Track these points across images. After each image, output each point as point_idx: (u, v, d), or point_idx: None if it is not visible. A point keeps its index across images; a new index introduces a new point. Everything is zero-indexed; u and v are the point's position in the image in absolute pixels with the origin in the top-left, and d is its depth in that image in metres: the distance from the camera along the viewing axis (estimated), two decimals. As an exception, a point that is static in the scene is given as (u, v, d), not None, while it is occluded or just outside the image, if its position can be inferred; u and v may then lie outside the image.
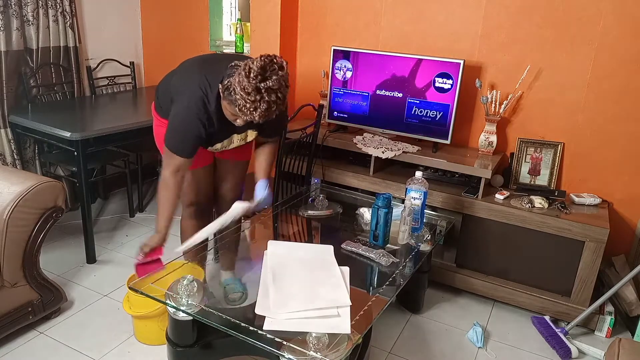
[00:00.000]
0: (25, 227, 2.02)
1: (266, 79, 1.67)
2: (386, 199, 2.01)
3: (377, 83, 2.77)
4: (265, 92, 1.66)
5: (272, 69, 1.69)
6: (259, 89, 1.66)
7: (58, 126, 2.56)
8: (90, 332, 2.20)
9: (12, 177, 2.06)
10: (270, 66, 1.68)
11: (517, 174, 2.65)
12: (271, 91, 1.68)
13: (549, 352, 2.26)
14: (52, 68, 3.08)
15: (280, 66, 1.72)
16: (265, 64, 1.68)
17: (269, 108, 1.70)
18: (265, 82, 1.66)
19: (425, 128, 2.69)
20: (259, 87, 1.65)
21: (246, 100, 1.66)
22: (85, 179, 2.63)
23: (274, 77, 1.68)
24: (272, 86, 1.68)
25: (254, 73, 1.65)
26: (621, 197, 2.55)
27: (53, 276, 2.50)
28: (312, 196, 2.51)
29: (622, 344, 1.59)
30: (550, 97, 2.58)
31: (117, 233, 3.10)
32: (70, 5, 3.06)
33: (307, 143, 2.63)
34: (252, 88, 1.65)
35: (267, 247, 1.94)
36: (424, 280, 2.44)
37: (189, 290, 1.61)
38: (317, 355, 1.38)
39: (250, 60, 1.70)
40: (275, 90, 1.69)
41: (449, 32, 2.73)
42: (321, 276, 1.77)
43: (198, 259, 1.98)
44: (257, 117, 1.70)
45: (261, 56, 1.70)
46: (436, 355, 2.21)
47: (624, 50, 2.39)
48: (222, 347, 1.73)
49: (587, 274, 2.31)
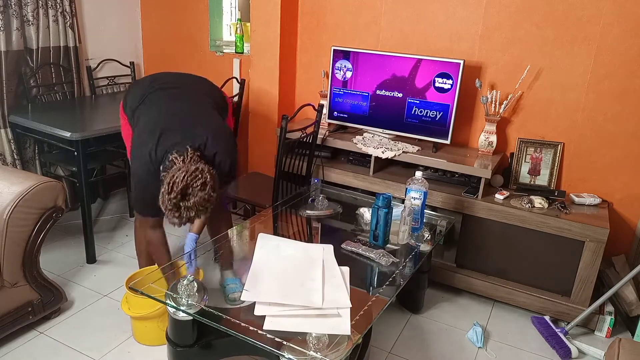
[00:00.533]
0: (25, 227, 2.02)
1: (186, 199, 1.71)
2: (386, 199, 2.01)
3: (377, 83, 2.77)
4: (184, 210, 1.72)
5: (195, 187, 1.71)
6: (178, 206, 1.71)
7: (58, 126, 2.56)
8: (90, 332, 2.20)
9: (12, 177, 2.06)
10: (193, 184, 1.71)
11: (517, 174, 2.65)
12: (190, 209, 1.72)
13: (549, 352, 2.26)
14: (52, 68, 3.08)
15: (203, 184, 1.72)
16: (187, 184, 1.70)
17: (189, 220, 1.76)
18: (184, 202, 1.71)
19: (425, 128, 2.69)
20: (179, 205, 1.71)
21: (167, 212, 1.73)
22: (85, 179, 2.63)
23: (194, 199, 1.71)
24: (191, 206, 1.72)
25: (175, 193, 1.69)
26: (621, 197, 2.55)
27: (53, 276, 2.50)
28: (312, 196, 2.51)
29: (622, 344, 1.59)
30: (550, 97, 2.58)
31: (117, 233, 3.10)
32: (70, 5, 3.06)
33: (307, 143, 2.63)
34: (172, 205, 1.70)
35: (257, 240, 1.98)
36: (424, 280, 2.44)
37: (189, 290, 1.61)
38: (317, 355, 1.38)
39: (178, 170, 1.72)
40: (194, 208, 1.73)
41: (449, 32, 2.73)
42: (305, 275, 1.77)
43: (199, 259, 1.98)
44: (177, 224, 1.77)
45: (187, 171, 1.71)
46: (436, 355, 2.21)
47: (624, 50, 2.39)
48: (222, 347, 1.73)
49: (587, 274, 2.31)
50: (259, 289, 1.67)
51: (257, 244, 1.96)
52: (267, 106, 3.17)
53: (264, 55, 3.08)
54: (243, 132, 3.40)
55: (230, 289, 1.83)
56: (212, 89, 2.29)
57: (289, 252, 1.93)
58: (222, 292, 1.87)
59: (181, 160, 1.81)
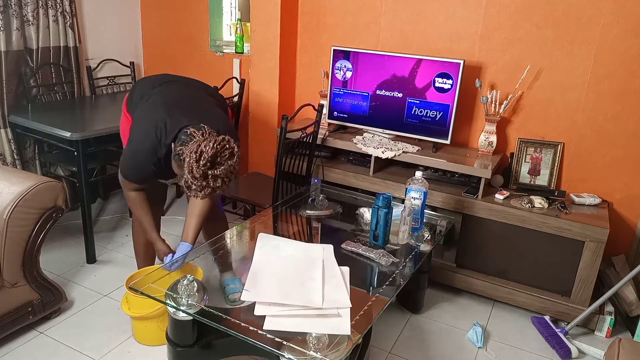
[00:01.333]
0: (25, 227, 2.02)
1: (215, 167, 1.69)
2: (386, 199, 2.01)
3: (377, 83, 2.77)
4: (212, 178, 1.69)
5: (223, 155, 1.70)
6: (206, 175, 1.68)
7: (58, 126, 2.56)
8: (90, 332, 2.20)
9: (12, 177, 2.06)
10: (221, 153, 1.70)
11: (517, 174, 2.65)
12: (218, 178, 1.70)
13: (549, 352, 2.26)
14: (52, 68, 3.08)
15: (231, 153, 1.72)
16: (216, 151, 1.68)
17: (213, 191, 1.73)
18: (213, 170, 1.69)
19: (425, 128, 2.69)
20: (207, 173, 1.68)
21: (193, 182, 1.69)
22: (85, 179, 2.63)
23: (222, 167, 1.70)
24: (220, 174, 1.70)
25: (204, 160, 1.66)
26: (621, 197, 2.55)
27: (53, 276, 2.50)
28: (312, 196, 2.51)
29: (622, 344, 1.59)
30: (550, 97, 2.58)
31: (117, 233, 3.10)
32: (70, 5, 3.06)
33: (307, 143, 2.63)
34: (200, 174, 1.67)
35: (257, 240, 1.98)
36: (424, 280, 2.44)
37: (189, 290, 1.61)
38: (317, 355, 1.38)
39: (204, 140, 1.70)
40: (222, 177, 1.71)
41: (449, 32, 2.73)
42: (305, 275, 1.77)
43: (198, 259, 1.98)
44: (201, 197, 1.74)
45: (215, 140, 1.69)
46: (436, 355, 2.21)
47: (624, 50, 2.39)
48: (222, 347, 1.73)
49: (587, 274, 2.31)
50: (259, 289, 1.67)
51: (257, 244, 1.96)
52: (267, 106, 3.17)
53: (264, 55, 3.08)
54: (243, 132, 3.40)
55: (230, 289, 1.83)
56: (215, 94, 2.30)
57: (289, 252, 1.93)
58: (222, 292, 1.87)
59: (200, 133, 1.76)
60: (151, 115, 1.92)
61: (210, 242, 2.12)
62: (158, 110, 1.92)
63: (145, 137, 1.88)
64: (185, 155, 1.70)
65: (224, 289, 1.87)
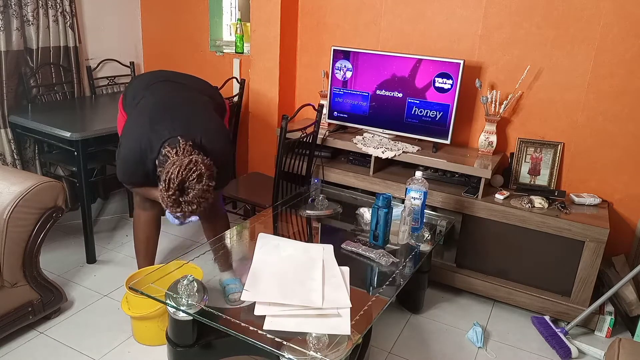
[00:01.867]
0: (25, 227, 2.02)
1: (185, 193, 1.71)
2: (386, 199, 2.01)
3: (377, 83, 2.77)
4: (185, 204, 1.73)
5: (191, 180, 1.70)
6: (178, 202, 1.72)
7: (58, 126, 2.56)
8: (90, 332, 2.20)
9: (12, 177, 2.06)
10: (189, 178, 1.70)
11: (517, 174, 2.65)
12: (191, 203, 1.73)
13: (549, 352, 2.26)
14: (52, 68, 3.08)
15: (199, 176, 1.72)
16: (183, 178, 1.69)
17: (193, 212, 1.76)
18: (183, 196, 1.71)
19: (425, 128, 2.69)
20: (179, 201, 1.72)
21: (170, 208, 1.73)
22: (85, 179, 2.63)
23: (192, 192, 1.71)
24: (191, 200, 1.71)
25: (172, 189, 1.69)
26: (621, 197, 2.55)
27: (53, 276, 2.50)
28: (312, 196, 2.51)
29: (622, 344, 1.59)
30: (550, 97, 2.58)
31: (117, 233, 3.10)
32: (70, 5, 3.06)
33: (307, 143, 2.63)
34: (172, 202, 1.71)
35: (257, 240, 1.98)
36: (424, 280, 2.44)
37: (189, 290, 1.61)
38: (317, 355, 1.38)
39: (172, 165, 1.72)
40: (194, 202, 1.72)
41: (449, 32, 2.73)
42: (305, 275, 1.78)
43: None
44: (182, 218, 1.79)
45: (181, 165, 1.71)
46: (436, 355, 2.21)
47: (624, 50, 2.39)
48: (222, 347, 1.73)
49: (587, 274, 2.31)
50: (258, 289, 1.67)
51: (257, 244, 1.96)
52: (267, 106, 3.17)
53: (264, 55, 3.08)
54: (243, 132, 3.40)
55: (230, 289, 1.83)
56: (214, 92, 2.30)
57: (289, 252, 1.93)
58: (222, 292, 1.87)
59: (174, 152, 1.79)
60: (137, 130, 1.95)
61: (210, 242, 2.12)
62: (143, 124, 1.94)
63: (132, 151, 1.94)
64: (159, 182, 1.73)
65: (224, 289, 1.87)
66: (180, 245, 2.94)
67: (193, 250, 1.97)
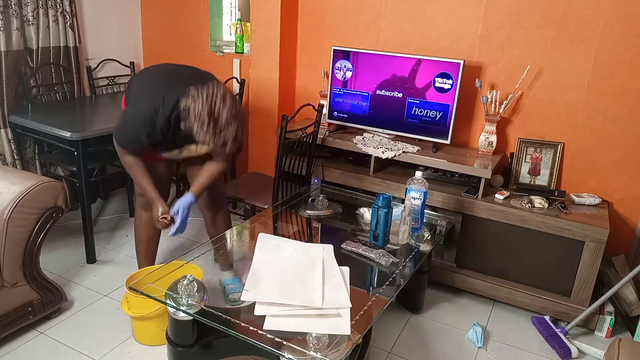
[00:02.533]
0: (25, 227, 2.02)
1: (217, 122, 1.78)
2: (386, 199, 2.01)
3: (377, 83, 2.77)
4: (223, 132, 1.79)
5: (216, 105, 1.77)
6: (215, 132, 1.78)
7: (58, 126, 2.56)
8: (90, 332, 2.20)
9: (12, 177, 2.06)
10: (214, 104, 1.77)
11: (517, 174, 2.65)
12: (227, 128, 1.79)
13: (549, 352, 2.26)
14: (52, 68, 3.08)
15: (222, 98, 1.78)
16: (210, 108, 1.76)
17: (236, 138, 1.83)
18: (218, 124, 1.77)
19: (425, 128, 2.69)
20: (216, 131, 1.78)
21: (213, 142, 1.80)
22: (85, 179, 2.63)
23: (224, 117, 1.78)
24: (225, 125, 1.78)
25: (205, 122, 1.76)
26: (621, 197, 2.55)
27: (53, 276, 2.50)
28: (312, 196, 2.51)
29: (622, 344, 1.59)
30: (550, 97, 2.58)
31: (117, 233, 3.10)
32: (70, 5, 3.06)
33: (307, 143, 2.63)
34: (212, 134, 1.77)
35: (257, 240, 1.98)
36: (424, 280, 2.44)
37: (189, 290, 1.61)
38: (317, 355, 1.38)
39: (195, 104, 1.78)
40: (230, 123, 1.79)
41: (449, 32, 2.73)
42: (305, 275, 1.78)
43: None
44: (228, 149, 1.85)
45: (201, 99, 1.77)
46: (436, 355, 2.21)
47: (624, 50, 2.39)
48: (222, 347, 1.73)
49: (587, 274, 2.31)
50: (259, 289, 1.67)
51: (257, 244, 1.96)
52: (267, 106, 3.17)
53: (264, 55, 3.08)
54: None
55: (230, 289, 1.83)
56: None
57: (289, 252, 1.93)
58: (222, 292, 1.87)
59: (191, 101, 1.81)
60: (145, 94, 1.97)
61: (210, 241, 2.12)
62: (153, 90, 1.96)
63: (145, 110, 1.91)
64: (190, 123, 1.78)
65: (224, 289, 1.87)
66: (180, 245, 2.94)
67: (193, 250, 1.97)
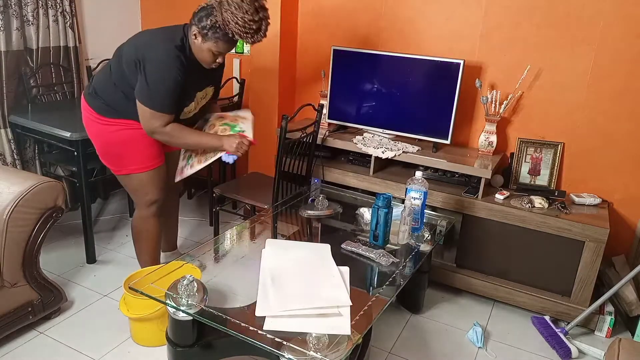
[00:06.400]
0: (25, 227, 2.02)
1: (263, 6, 1.89)
2: (386, 199, 2.00)
3: (377, 83, 2.77)
4: (261, 10, 1.88)
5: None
6: (257, 10, 1.86)
7: (58, 126, 2.56)
8: (90, 332, 2.20)
9: (12, 177, 2.06)
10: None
11: (517, 174, 2.65)
12: (264, 8, 1.91)
13: (549, 352, 2.26)
14: (52, 68, 3.08)
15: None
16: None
17: (267, 25, 1.94)
18: (257, 2, 1.87)
19: (425, 128, 2.69)
20: (256, 7, 1.86)
21: (249, 24, 1.85)
22: (85, 179, 2.63)
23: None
24: (264, 3, 1.90)
25: (250, 9, 1.84)
26: (621, 197, 2.55)
27: (53, 276, 2.50)
28: (312, 196, 2.51)
29: (622, 344, 1.59)
30: (550, 97, 2.58)
31: (117, 233, 3.10)
32: (70, 5, 3.06)
33: (307, 143, 2.63)
34: (253, 10, 1.84)
35: (265, 246, 1.94)
36: (424, 280, 2.44)
37: (189, 290, 1.61)
38: (317, 355, 1.38)
39: (226, 4, 1.85)
40: (264, 6, 1.91)
41: (449, 32, 2.73)
42: (320, 275, 1.77)
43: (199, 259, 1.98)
44: (260, 36, 1.93)
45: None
46: (436, 355, 2.21)
47: (624, 50, 2.39)
48: (222, 347, 1.72)
49: (587, 274, 2.31)
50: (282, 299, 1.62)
51: (263, 253, 1.91)
52: (267, 106, 3.17)
53: (264, 55, 3.08)
54: (243, 132, 3.39)
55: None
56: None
57: (297, 254, 1.91)
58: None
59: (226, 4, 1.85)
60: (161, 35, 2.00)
61: (210, 242, 2.12)
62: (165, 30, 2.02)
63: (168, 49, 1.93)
64: (224, 15, 1.84)
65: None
66: (180, 246, 2.93)
67: (193, 250, 1.97)
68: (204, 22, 1.89)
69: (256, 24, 1.86)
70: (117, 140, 2.12)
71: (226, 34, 1.89)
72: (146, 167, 2.17)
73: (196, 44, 1.96)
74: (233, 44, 1.98)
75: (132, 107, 2.02)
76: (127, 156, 2.15)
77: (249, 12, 1.83)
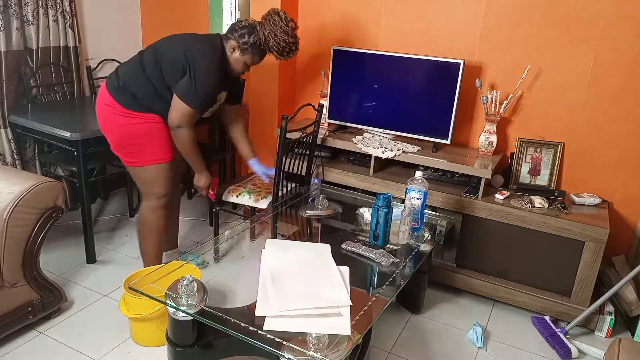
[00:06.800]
0: (25, 227, 2.02)
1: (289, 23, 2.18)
2: (386, 199, 2.00)
3: (377, 83, 2.77)
4: (295, 34, 2.20)
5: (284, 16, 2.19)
6: (294, 33, 2.19)
7: (58, 126, 2.56)
8: (90, 332, 2.20)
9: (12, 177, 2.06)
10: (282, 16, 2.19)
11: (517, 174, 2.65)
12: (296, 32, 2.22)
13: (549, 352, 2.26)
14: (52, 68, 3.08)
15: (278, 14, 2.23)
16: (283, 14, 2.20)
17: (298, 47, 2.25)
18: (291, 25, 2.19)
19: (425, 128, 2.69)
20: (294, 30, 2.19)
21: (289, 45, 2.18)
22: (85, 179, 2.63)
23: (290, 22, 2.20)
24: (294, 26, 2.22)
25: (287, 22, 2.16)
26: (621, 197, 2.55)
27: (53, 276, 2.50)
28: (312, 196, 2.51)
29: (622, 344, 1.59)
30: (550, 97, 2.58)
31: (117, 233, 3.10)
32: (70, 5, 3.06)
33: (307, 143, 2.63)
34: (291, 32, 2.17)
35: (265, 246, 1.94)
36: (424, 280, 2.44)
37: (189, 290, 1.61)
38: (317, 355, 1.38)
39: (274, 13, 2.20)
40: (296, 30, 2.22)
41: (449, 32, 2.73)
42: (320, 275, 1.77)
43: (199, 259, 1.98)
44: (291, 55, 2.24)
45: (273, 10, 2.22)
46: (436, 355, 2.21)
47: (624, 50, 2.39)
48: (222, 347, 1.72)
49: (587, 274, 2.31)
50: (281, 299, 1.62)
51: (263, 253, 1.91)
52: (267, 106, 3.17)
53: (264, 55, 3.08)
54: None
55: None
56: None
57: (297, 254, 1.91)
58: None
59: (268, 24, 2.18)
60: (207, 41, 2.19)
61: (211, 242, 2.12)
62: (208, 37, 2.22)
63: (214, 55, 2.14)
64: (267, 35, 2.15)
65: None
66: (180, 245, 2.93)
67: (193, 250, 1.97)
68: (246, 38, 2.16)
69: (293, 45, 2.19)
70: (138, 133, 2.21)
71: (263, 50, 2.20)
72: (163, 159, 2.27)
73: (234, 56, 2.20)
74: (264, 57, 2.27)
75: (159, 102, 2.18)
76: (146, 148, 2.23)
77: (289, 34, 2.15)
